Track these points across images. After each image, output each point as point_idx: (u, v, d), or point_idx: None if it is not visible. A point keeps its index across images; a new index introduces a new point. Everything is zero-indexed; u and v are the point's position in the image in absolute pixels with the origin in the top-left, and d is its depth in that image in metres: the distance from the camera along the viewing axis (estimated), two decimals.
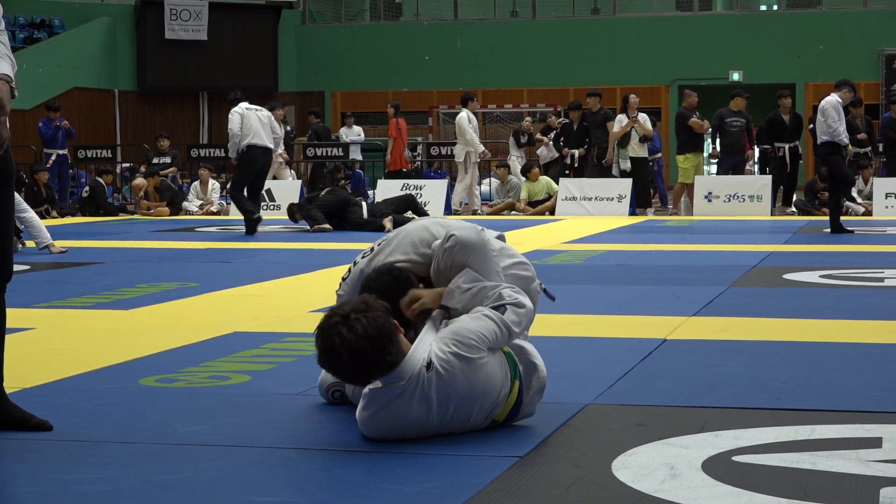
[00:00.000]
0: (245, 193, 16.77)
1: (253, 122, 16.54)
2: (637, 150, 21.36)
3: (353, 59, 35.85)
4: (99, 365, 6.24)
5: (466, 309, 4.66)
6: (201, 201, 22.76)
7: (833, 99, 15.65)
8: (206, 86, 35.22)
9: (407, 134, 24.74)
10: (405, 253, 4.98)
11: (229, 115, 16.71)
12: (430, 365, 4.39)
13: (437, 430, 4.46)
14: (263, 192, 21.82)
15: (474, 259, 4.75)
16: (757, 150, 22.10)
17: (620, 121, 21.32)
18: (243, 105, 16.78)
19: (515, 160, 24.73)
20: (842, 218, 16.29)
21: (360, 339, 4.23)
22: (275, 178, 22.16)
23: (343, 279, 5.20)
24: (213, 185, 23.05)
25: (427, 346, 4.44)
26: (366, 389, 4.44)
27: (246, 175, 16.77)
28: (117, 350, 6.73)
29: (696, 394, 5.34)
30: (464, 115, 22.19)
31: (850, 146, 15.91)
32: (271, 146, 16.84)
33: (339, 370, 4.33)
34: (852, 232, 15.83)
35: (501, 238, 5.27)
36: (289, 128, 26.63)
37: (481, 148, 22.31)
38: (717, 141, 22.00)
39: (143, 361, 6.39)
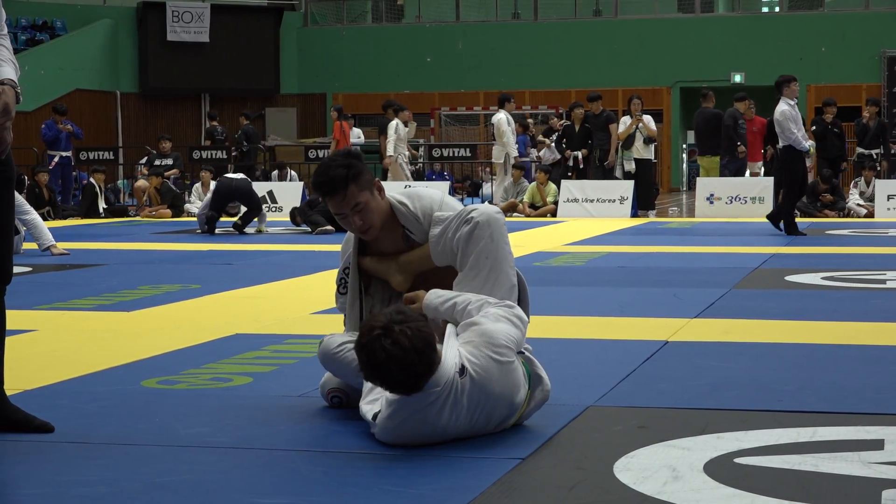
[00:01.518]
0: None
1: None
2: (641, 151, 21.37)
3: (355, 60, 35.86)
4: (100, 367, 6.24)
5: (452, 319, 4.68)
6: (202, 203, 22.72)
7: (783, 108, 15.59)
8: (208, 88, 35.22)
9: (350, 137, 24.83)
10: (407, 196, 5.02)
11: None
12: (463, 370, 4.38)
13: (457, 435, 4.45)
14: (265, 193, 21.94)
15: (494, 236, 4.76)
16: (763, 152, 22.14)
17: (625, 122, 21.34)
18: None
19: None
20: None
21: (407, 352, 4.19)
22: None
23: (339, 291, 5.21)
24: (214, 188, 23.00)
25: (455, 351, 4.43)
26: (391, 396, 4.42)
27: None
28: (119, 352, 6.73)
29: (697, 396, 5.34)
30: (502, 117, 22.22)
31: (811, 150, 15.94)
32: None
33: (387, 383, 4.30)
34: (804, 234, 15.88)
35: None
36: (218, 127, 26.73)
37: (515, 151, 22.36)
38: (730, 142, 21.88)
39: (145, 363, 6.39)
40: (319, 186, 4.89)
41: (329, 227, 16.92)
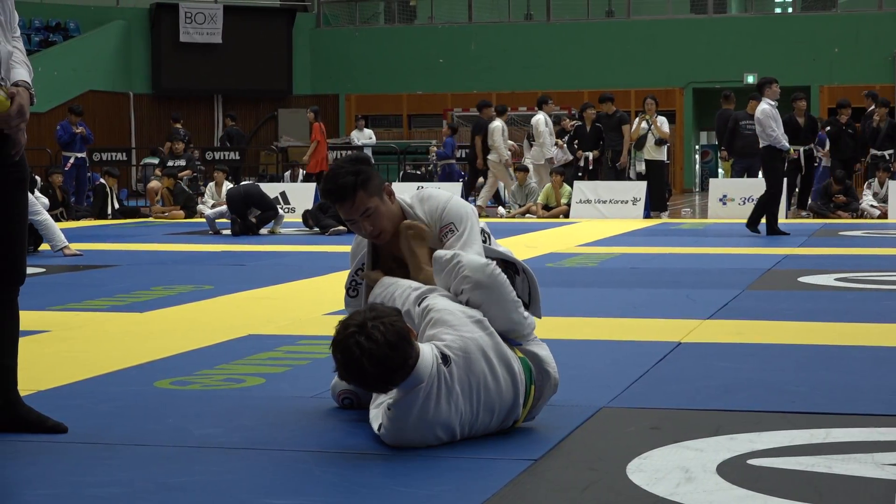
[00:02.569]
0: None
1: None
2: (652, 152, 21.35)
3: (368, 62, 35.88)
4: (113, 367, 6.25)
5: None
6: (215, 203, 22.71)
7: (763, 107, 15.81)
8: (221, 89, 35.28)
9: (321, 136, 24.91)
10: (416, 199, 5.00)
11: None
12: (446, 358, 4.37)
13: (468, 426, 4.43)
14: (278, 194, 21.95)
15: (488, 297, 4.60)
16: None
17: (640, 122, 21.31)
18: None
19: (529, 163, 24.69)
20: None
21: (380, 346, 4.19)
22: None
23: (349, 294, 5.20)
24: (228, 187, 23.02)
25: (428, 346, 4.40)
26: (389, 399, 4.40)
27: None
28: (132, 353, 6.74)
29: (710, 397, 5.33)
30: (541, 118, 22.23)
31: (791, 150, 16.05)
32: None
33: (361, 380, 4.29)
34: (787, 234, 15.99)
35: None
36: (181, 129, 26.74)
37: (551, 153, 22.35)
38: (731, 143, 21.90)
39: (158, 364, 6.40)
40: (328, 194, 4.88)
41: (341, 228, 16.93)
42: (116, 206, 22.63)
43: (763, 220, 16.10)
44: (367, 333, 4.20)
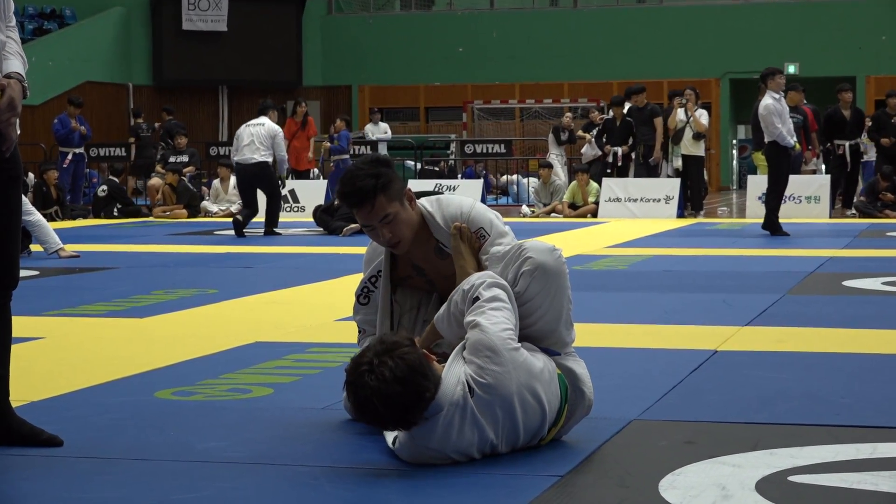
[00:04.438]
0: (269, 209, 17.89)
1: (242, 139, 17.65)
2: (690, 147, 21.30)
3: (382, 51, 35.93)
4: (112, 377, 6.27)
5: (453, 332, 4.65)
6: (226, 203, 22.77)
7: (766, 101, 15.98)
8: (226, 80, 35.36)
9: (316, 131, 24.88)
10: (435, 204, 4.99)
11: None
12: (471, 390, 4.35)
13: (489, 449, 4.43)
14: (287, 193, 21.97)
15: (548, 283, 4.60)
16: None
17: (679, 115, 21.24)
18: (245, 125, 17.98)
19: (555, 158, 24.72)
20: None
21: (389, 384, 4.16)
22: None
23: (359, 301, 5.19)
24: (234, 183, 23.05)
25: (459, 371, 4.38)
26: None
27: (242, 194, 18.22)
28: (131, 361, 6.76)
29: (749, 409, 5.33)
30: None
31: (796, 146, 16.14)
32: (259, 159, 17.48)
33: (378, 422, 4.28)
34: (788, 234, 16.06)
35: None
36: (143, 124, 26.72)
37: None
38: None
39: (159, 373, 6.41)
40: (345, 197, 4.86)
41: (355, 225, 16.96)
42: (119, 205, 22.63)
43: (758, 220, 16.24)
44: (377, 372, 4.18)
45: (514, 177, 27.60)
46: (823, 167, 22.40)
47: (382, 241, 4.93)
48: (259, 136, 17.48)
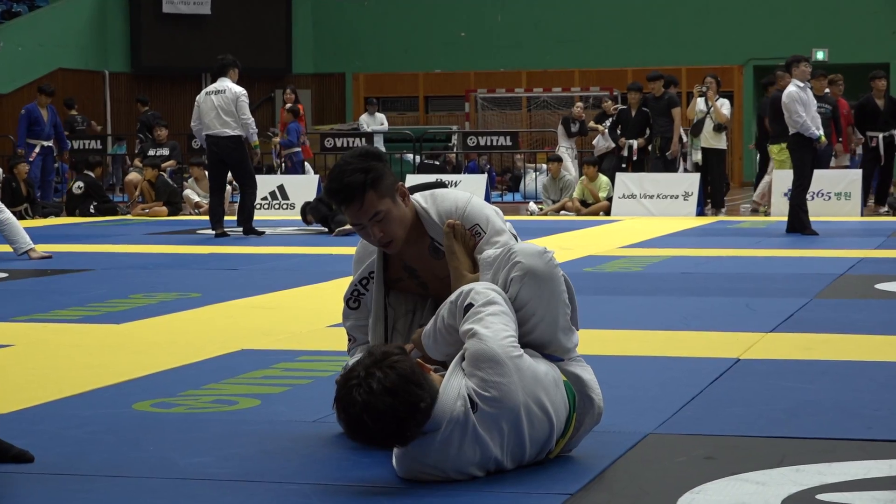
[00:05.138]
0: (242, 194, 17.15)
1: (204, 110, 16.90)
2: (711, 139, 21.28)
3: (378, 36, 35.91)
4: (87, 387, 6.27)
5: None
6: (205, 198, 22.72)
7: (790, 89, 16.16)
8: (210, 67, 35.23)
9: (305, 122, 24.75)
10: (430, 199, 4.99)
11: None
12: (474, 405, 4.35)
13: (493, 466, 4.42)
14: (275, 188, 21.95)
15: (540, 289, 4.60)
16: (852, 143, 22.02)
17: (699, 105, 21.23)
18: (203, 92, 17.22)
19: (565, 152, 24.71)
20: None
21: (378, 396, 4.15)
22: None
23: (349, 306, 5.19)
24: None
25: (458, 383, 4.37)
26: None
27: (210, 173, 17.37)
28: (107, 370, 6.76)
29: (774, 422, 5.33)
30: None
31: (821, 138, 16.19)
32: (230, 133, 16.75)
33: (371, 440, 4.26)
34: (817, 234, 16.09)
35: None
36: (78, 116, 26.64)
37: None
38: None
39: (138, 383, 6.41)
40: (333, 194, 4.86)
41: (349, 227, 16.94)
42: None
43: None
44: (366, 385, 4.17)
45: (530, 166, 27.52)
46: (850, 161, 22.36)
47: (373, 241, 4.93)
48: (224, 106, 16.77)
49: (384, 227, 4.87)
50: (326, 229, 17.27)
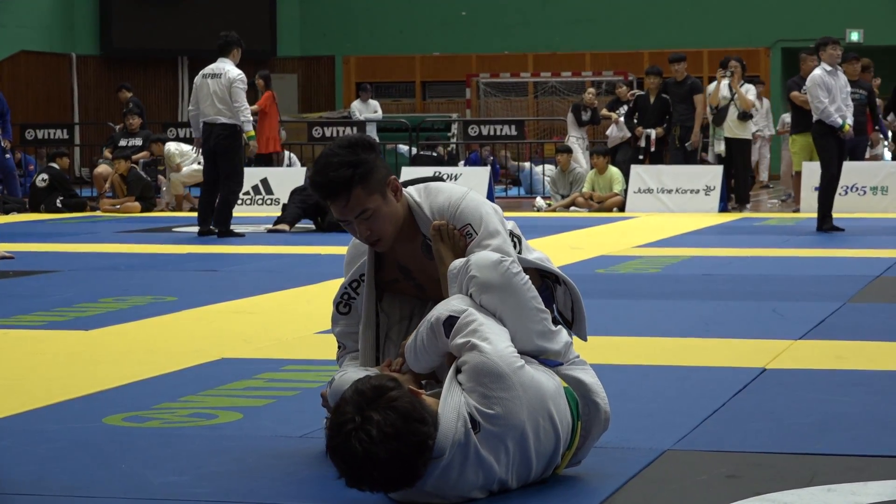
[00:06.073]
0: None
1: (200, 96, 16.67)
2: (734, 128, 21.26)
3: (371, 15, 35.90)
4: (52, 400, 6.27)
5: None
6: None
7: (815, 73, 16.38)
8: (187, 49, 35.32)
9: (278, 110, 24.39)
10: (424, 193, 4.99)
11: None
12: (476, 424, 4.34)
13: (496, 486, 4.42)
14: (259, 182, 21.93)
15: (502, 302, 4.59)
16: (891, 133, 22.04)
17: (722, 91, 21.21)
18: (201, 74, 16.93)
19: (575, 142, 24.70)
20: None
21: (381, 443, 4.12)
22: None
23: (338, 310, 5.17)
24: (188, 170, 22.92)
25: (457, 402, 4.36)
26: None
27: (205, 165, 17.13)
28: (75, 381, 6.76)
29: (803, 437, 5.34)
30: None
31: (846, 127, 16.21)
32: (224, 121, 16.52)
33: (376, 488, 4.25)
34: (842, 230, 16.23)
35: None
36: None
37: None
38: None
39: (108, 395, 6.42)
40: (317, 188, 4.84)
41: (284, 227, 16.93)
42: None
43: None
44: (365, 431, 4.12)
45: (526, 164, 27.57)
46: (889, 154, 22.36)
47: (360, 238, 4.92)
48: (218, 92, 16.51)
49: (372, 225, 4.84)
50: (313, 223, 17.27)
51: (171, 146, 22.53)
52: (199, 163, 20.20)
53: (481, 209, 4.92)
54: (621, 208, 21.17)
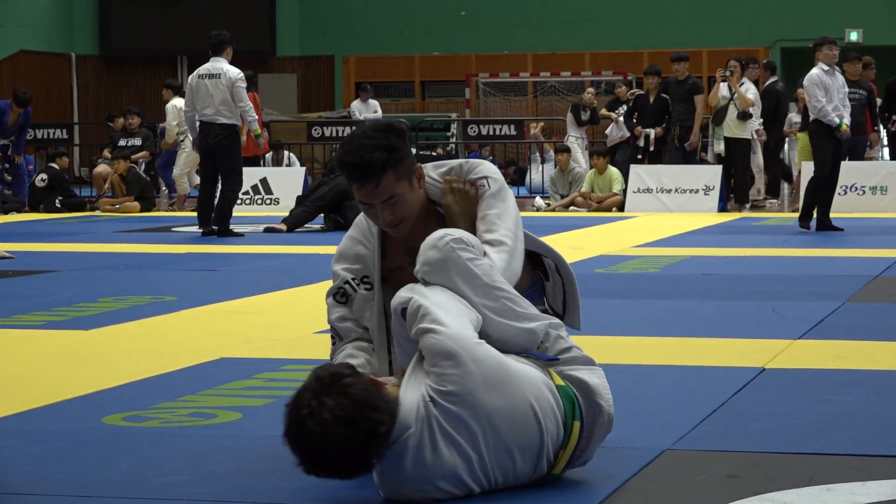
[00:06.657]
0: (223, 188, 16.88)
1: (198, 97, 16.62)
2: (734, 128, 21.25)
3: (371, 15, 35.91)
4: (52, 399, 6.27)
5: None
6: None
7: (812, 72, 16.45)
8: (186, 49, 35.33)
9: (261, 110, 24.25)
10: (434, 170, 5.01)
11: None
12: (434, 400, 4.34)
13: (482, 474, 4.41)
14: (258, 182, 21.92)
15: (447, 280, 4.60)
16: (883, 130, 22.01)
17: (721, 90, 21.21)
18: (196, 74, 16.91)
19: (575, 142, 24.71)
20: None
21: (333, 426, 4.15)
22: None
23: (335, 299, 5.14)
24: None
25: (417, 383, 4.38)
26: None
27: (202, 164, 17.12)
28: (75, 380, 6.76)
29: (802, 437, 5.34)
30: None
31: (843, 126, 16.23)
32: (223, 121, 16.50)
33: (330, 473, 4.27)
34: (841, 230, 16.28)
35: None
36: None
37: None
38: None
39: (108, 395, 6.42)
40: (348, 168, 4.78)
41: (281, 227, 16.90)
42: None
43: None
44: (318, 416, 4.15)
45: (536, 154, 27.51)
46: (887, 153, 22.34)
47: (379, 222, 4.89)
48: (218, 93, 16.47)
49: (396, 210, 4.82)
50: (325, 226, 17.21)
51: (177, 102, 22.36)
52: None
53: (497, 172, 4.97)
54: (620, 208, 21.18)
